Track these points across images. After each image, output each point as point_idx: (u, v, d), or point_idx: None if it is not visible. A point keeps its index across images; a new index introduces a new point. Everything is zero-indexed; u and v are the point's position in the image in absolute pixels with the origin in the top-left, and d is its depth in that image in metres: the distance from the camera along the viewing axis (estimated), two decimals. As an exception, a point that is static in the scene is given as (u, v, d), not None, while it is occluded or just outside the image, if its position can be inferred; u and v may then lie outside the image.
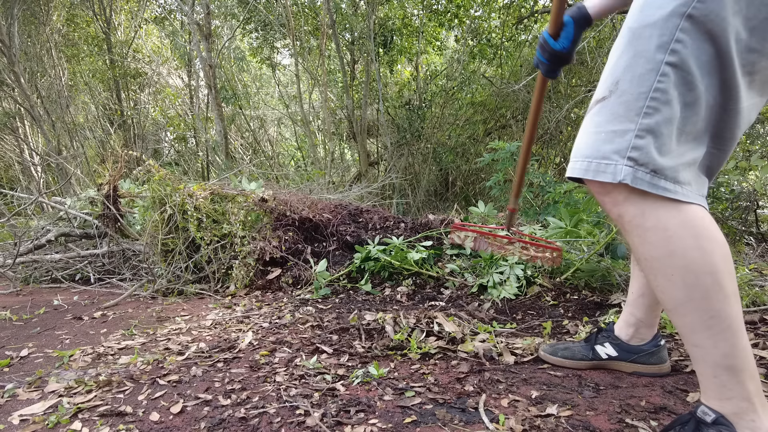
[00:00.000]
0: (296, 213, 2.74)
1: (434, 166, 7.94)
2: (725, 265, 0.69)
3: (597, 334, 1.29)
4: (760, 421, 0.72)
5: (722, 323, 0.69)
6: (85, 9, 8.52)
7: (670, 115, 0.66)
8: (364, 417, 1.03)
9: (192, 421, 1.05)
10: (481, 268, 2.33)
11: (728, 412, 0.73)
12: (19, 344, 1.70)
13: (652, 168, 0.67)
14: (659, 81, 0.66)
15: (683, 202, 0.69)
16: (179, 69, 9.92)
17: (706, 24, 0.63)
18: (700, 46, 0.64)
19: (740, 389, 0.71)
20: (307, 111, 8.68)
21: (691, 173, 0.70)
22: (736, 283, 0.71)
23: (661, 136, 0.66)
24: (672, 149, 0.67)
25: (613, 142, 0.69)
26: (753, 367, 0.73)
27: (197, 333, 1.76)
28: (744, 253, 2.58)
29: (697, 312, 0.70)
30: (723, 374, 0.71)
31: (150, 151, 9.26)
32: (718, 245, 0.69)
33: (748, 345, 0.71)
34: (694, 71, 0.65)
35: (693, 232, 0.68)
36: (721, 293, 0.69)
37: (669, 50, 0.65)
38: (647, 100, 0.66)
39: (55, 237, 3.21)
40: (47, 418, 1.08)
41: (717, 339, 0.70)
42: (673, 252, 0.69)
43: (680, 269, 0.69)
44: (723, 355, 0.70)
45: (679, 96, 0.66)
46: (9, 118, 8.33)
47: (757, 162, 2.62)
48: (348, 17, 7.66)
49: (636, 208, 0.70)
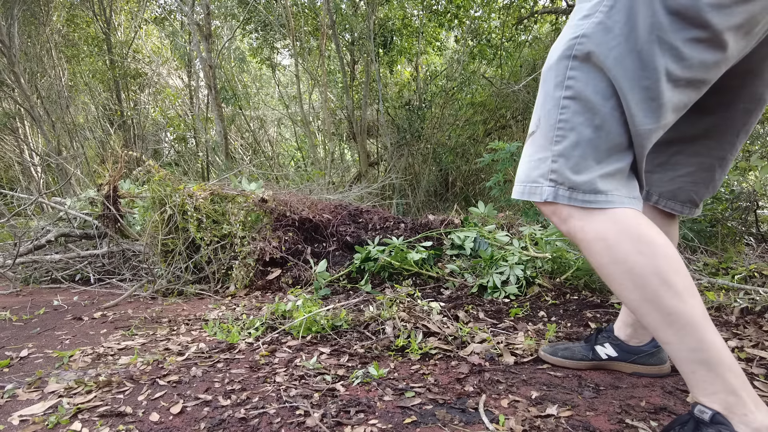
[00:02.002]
0: (296, 213, 2.74)
1: (434, 167, 7.95)
2: (669, 264, 0.73)
3: (597, 335, 1.29)
4: (753, 415, 0.72)
5: (681, 319, 0.73)
6: (85, 9, 8.52)
7: (576, 140, 0.76)
8: (364, 417, 1.03)
9: (192, 421, 1.05)
10: (481, 268, 2.33)
11: (719, 409, 0.74)
12: (18, 345, 1.70)
13: (569, 186, 0.77)
14: (561, 113, 0.77)
15: (610, 208, 0.76)
16: (179, 69, 9.92)
17: (590, 58, 0.74)
18: (592, 77, 0.75)
19: (721, 383, 0.73)
20: (307, 111, 8.68)
21: (617, 181, 0.77)
22: (688, 278, 0.74)
23: (572, 158, 0.76)
24: (588, 166, 0.76)
25: (539, 168, 0.81)
26: (730, 361, 0.74)
27: (197, 333, 1.77)
28: (744, 254, 2.58)
29: (656, 311, 0.74)
30: (699, 369, 0.74)
31: (150, 151, 9.27)
32: (658, 246, 0.74)
33: (718, 339, 0.73)
34: (593, 98, 0.75)
35: (630, 238, 0.75)
36: (670, 291, 0.73)
37: (564, 86, 0.77)
38: (555, 131, 0.78)
39: (55, 237, 3.21)
40: (47, 419, 1.08)
41: (681, 335, 0.73)
42: (616, 259, 0.75)
43: (627, 274, 0.75)
44: (691, 350, 0.74)
45: (585, 121, 0.76)
46: (9, 118, 8.34)
47: (757, 162, 2.62)
48: (348, 18, 7.66)
49: (577, 223, 0.78)
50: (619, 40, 0.73)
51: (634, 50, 0.72)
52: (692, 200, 1.05)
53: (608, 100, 0.74)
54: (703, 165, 1.00)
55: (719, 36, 0.70)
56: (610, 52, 0.73)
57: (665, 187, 1.05)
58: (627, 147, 0.77)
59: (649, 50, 0.72)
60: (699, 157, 0.99)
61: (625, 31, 0.73)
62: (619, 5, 0.73)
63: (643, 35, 0.71)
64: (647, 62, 0.72)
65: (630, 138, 0.76)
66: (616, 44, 0.73)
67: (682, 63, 0.72)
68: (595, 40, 0.74)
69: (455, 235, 2.65)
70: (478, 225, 2.78)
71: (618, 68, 0.73)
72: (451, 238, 2.66)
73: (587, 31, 0.75)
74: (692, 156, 1.00)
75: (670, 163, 1.03)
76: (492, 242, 2.50)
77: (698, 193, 1.04)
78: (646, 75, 0.72)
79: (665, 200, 1.06)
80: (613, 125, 0.75)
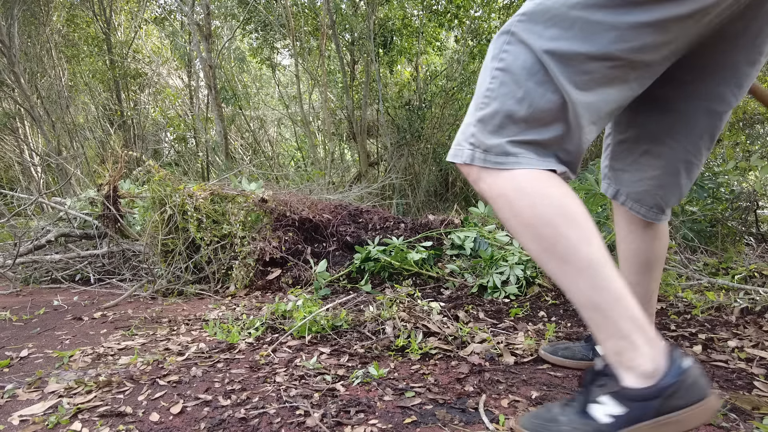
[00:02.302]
0: (296, 213, 2.74)
1: (434, 167, 7.95)
2: (563, 214, 0.77)
3: (597, 335, 1.29)
4: (642, 358, 0.75)
5: (575, 266, 0.77)
6: (85, 9, 8.52)
7: (497, 108, 0.81)
8: (364, 417, 1.03)
9: (192, 421, 1.05)
10: (481, 268, 2.33)
11: (610, 352, 0.78)
12: (19, 345, 1.70)
13: (483, 148, 0.82)
14: (490, 83, 0.82)
15: (514, 169, 0.80)
16: (179, 69, 9.93)
17: (521, 36, 0.79)
18: (521, 53, 0.80)
19: (613, 327, 0.76)
20: (307, 111, 8.68)
21: (530, 149, 0.81)
22: (587, 227, 0.77)
23: (489, 124, 0.81)
24: (503, 133, 0.81)
25: (464, 132, 0.85)
26: (626, 306, 0.76)
27: (197, 333, 1.77)
28: (744, 254, 2.58)
29: (553, 260, 0.79)
30: (594, 314, 0.78)
31: (150, 151, 9.27)
32: (552, 198, 0.78)
33: (614, 285, 0.76)
34: (519, 72, 0.79)
35: (526, 193, 0.79)
36: (563, 240, 0.77)
37: (498, 59, 0.82)
38: (482, 98, 0.83)
39: (55, 237, 3.21)
40: (47, 419, 1.08)
41: (576, 280, 0.78)
42: (516, 213, 0.80)
43: (524, 227, 0.80)
44: (585, 296, 0.77)
45: (509, 93, 0.80)
46: (9, 118, 8.34)
47: (757, 162, 2.62)
48: (348, 18, 7.67)
49: (484, 183, 0.83)
50: (555, 20, 0.77)
51: (571, 29, 0.77)
52: (658, 205, 1.05)
53: (533, 75, 0.79)
54: (668, 168, 1.01)
55: (664, 22, 0.73)
56: (544, 31, 0.78)
57: (633, 188, 1.06)
58: (549, 122, 0.80)
59: (587, 30, 0.76)
60: (664, 159, 1.01)
61: (562, 11, 0.77)
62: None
63: (581, 16, 0.76)
64: (583, 42, 0.76)
65: (558, 114, 0.80)
66: (552, 24, 0.77)
67: (623, 44, 0.75)
68: (533, 18, 0.79)
69: (455, 235, 2.65)
70: (478, 225, 2.78)
71: (549, 46, 0.77)
72: (451, 238, 2.66)
73: (528, 10, 0.80)
74: (658, 157, 1.01)
75: (638, 163, 1.04)
76: (492, 242, 2.50)
77: (664, 198, 1.04)
78: (581, 52, 0.76)
79: (631, 201, 1.07)
80: (535, 99, 0.79)
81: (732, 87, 0.91)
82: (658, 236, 1.11)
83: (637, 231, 1.11)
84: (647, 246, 1.11)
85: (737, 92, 0.92)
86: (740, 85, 0.91)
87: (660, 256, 1.12)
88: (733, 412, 0.98)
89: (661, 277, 1.18)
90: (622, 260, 1.17)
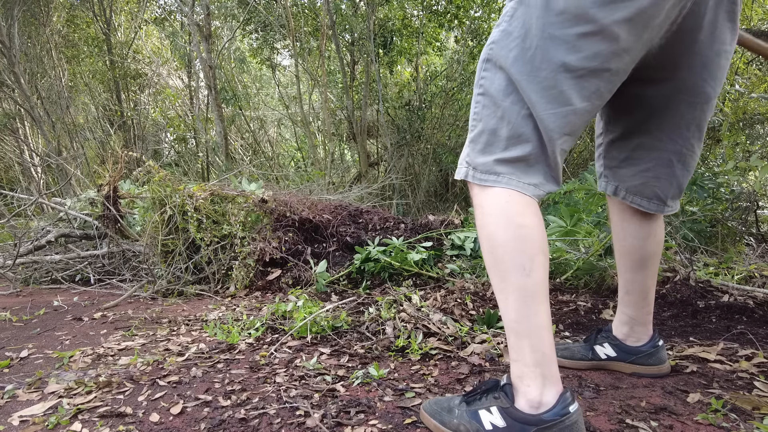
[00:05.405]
0: (296, 214, 2.74)
1: (434, 167, 7.95)
2: (517, 239, 0.84)
3: (596, 335, 1.29)
4: (535, 389, 0.84)
5: (509, 288, 0.85)
6: (85, 10, 8.52)
7: (483, 128, 0.90)
8: (364, 418, 1.03)
9: (192, 422, 1.05)
10: (481, 268, 2.33)
11: (514, 374, 0.87)
12: (19, 345, 1.70)
13: (473, 166, 0.91)
14: (475, 107, 0.92)
15: (496, 187, 0.88)
16: (179, 70, 9.92)
17: (497, 62, 0.88)
18: (497, 76, 0.89)
19: (522, 355, 0.85)
20: (307, 112, 8.67)
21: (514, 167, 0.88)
22: (536, 260, 0.84)
23: (479, 143, 0.91)
24: (491, 151, 0.89)
25: (464, 152, 0.95)
26: (540, 341, 0.84)
27: (197, 334, 1.77)
28: (744, 254, 2.58)
29: (496, 275, 0.87)
30: (511, 336, 0.87)
31: (150, 152, 9.26)
32: (513, 224, 0.85)
33: (538, 319, 0.84)
34: (496, 94, 0.88)
35: (494, 212, 0.88)
36: (507, 263, 0.85)
37: (479, 85, 0.92)
38: (472, 121, 0.93)
39: (55, 238, 3.21)
40: (47, 419, 1.08)
41: (506, 302, 0.86)
42: (482, 225, 0.90)
43: (484, 238, 0.89)
44: (510, 319, 0.86)
45: (490, 114, 0.89)
46: (9, 119, 8.34)
47: (757, 162, 2.62)
48: (348, 18, 7.66)
49: (473, 194, 0.93)
50: (517, 42, 0.85)
51: (530, 48, 0.83)
52: (657, 196, 1.09)
53: (508, 95, 0.87)
54: (661, 160, 1.06)
55: (607, 29, 0.79)
56: (510, 53, 0.86)
57: (630, 182, 1.10)
58: (528, 137, 0.86)
59: (543, 46, 0.82)
60: (656, 152, 1.05)
61: (522, 33, 0.84)
62: (518, 13, 0.86)
63: (537, 34, 0.82)
64: (542, 57, 0.82)
65: (534, 130, 0.86)
66: (514, 46, 0.85)
67: (576, 54, 0.81)
68: (499, 44, 0.88)
69: (455, 235, 2.65)
70: (478, 225, 2.78)
71: (516, 66, 0.85)
72: (451, 239, 2.66)
73: (495, 38, 0.89)
74: (650, 150, 1.06)
75: (632, 158, 1.09)
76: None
77: (662, 189, 1.08)
78: (542, 67, 0.82)
79: (631, 195, 1.11)
80: (513, 117, 0.86)
81: (706, 78, 0.97)
82: (652, 234, 1.13)
83: (631, 229, 1.14)
84: (641, 243, 1.14)
85: (713, 83, 0.97)
86: (714, 76, 0.97)
87: (654, 254, 1.15)
88: (733, 412, 0.98)
89: (657, 273, 1.19)
90: (618, 258, 1.20)
